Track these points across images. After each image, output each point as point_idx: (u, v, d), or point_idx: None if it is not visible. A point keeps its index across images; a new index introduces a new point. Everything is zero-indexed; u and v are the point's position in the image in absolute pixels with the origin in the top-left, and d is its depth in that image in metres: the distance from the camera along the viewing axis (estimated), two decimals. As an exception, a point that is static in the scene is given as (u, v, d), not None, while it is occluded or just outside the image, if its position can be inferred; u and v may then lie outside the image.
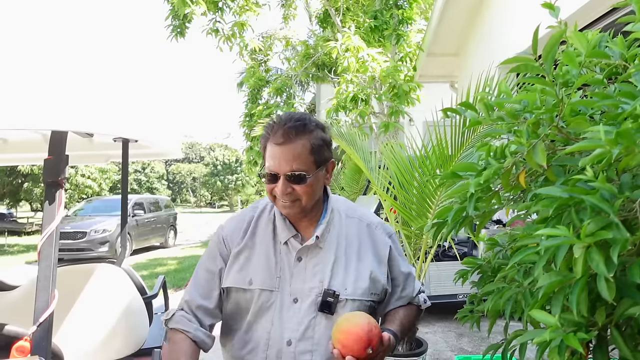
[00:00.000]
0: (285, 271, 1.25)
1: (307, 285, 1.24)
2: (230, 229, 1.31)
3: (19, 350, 0.99)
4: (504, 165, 0.93)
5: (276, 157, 1.19)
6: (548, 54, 0.85)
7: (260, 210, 1.34)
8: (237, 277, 1.25)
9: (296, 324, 1.22)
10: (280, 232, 1.28)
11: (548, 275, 0.80)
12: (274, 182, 1.20)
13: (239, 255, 1.27)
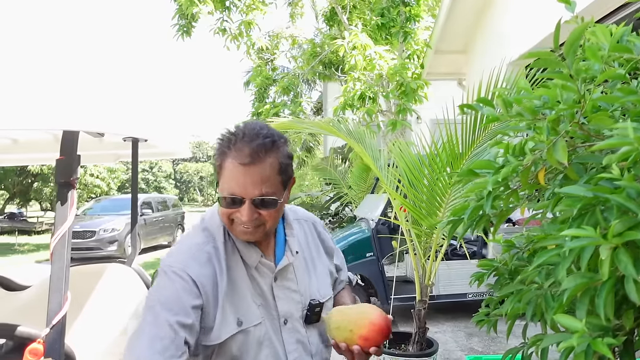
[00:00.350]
0: (266, 296, 1.12)
1: (293, 303, 1.16)
2: (196, 271, 1.03)
3: (33, 353, 0.98)
4: (523, 162, 0.90)
5: (240, 179, 1.02)
6: (570, 48, 0.83)
7: (214, 236, 1.11)
8: (226, 324, 1.05)
9: (294, 344, 1.15)
10: (248, 257, 1.11)
11: (573, 277, 0.78)
12: (236, 206, 1.04)
13: (217, 299, 1.05)
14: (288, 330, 1.14)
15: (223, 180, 1.04)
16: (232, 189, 1.03)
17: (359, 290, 5.16)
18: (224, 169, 1.04)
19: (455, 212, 1.08)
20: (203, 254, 1.06)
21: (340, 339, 1.10)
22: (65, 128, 1.06)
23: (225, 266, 1.07)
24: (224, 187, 1.04)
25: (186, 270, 1.02)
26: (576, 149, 0.98)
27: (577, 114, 0.90)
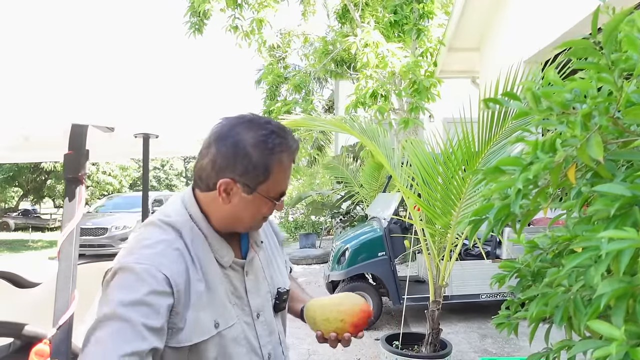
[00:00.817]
0: (240, 293, 1.08)
1: (262, 295, 1.13)
2: (169, 267, 0.94)
3: (38, 354, 0.95)
4: (554, 159, 0.85)
5: (287, 176, 1.04)
6: (608, 38, 0.77)
7: (181, 234, 1.01)
8: (202, 326, 0.97)
9: (267, 336, 1.13)
10: (222, 254, 1.05)
11: (609, 282, 0.73)
12: (280, 200, 1.06)
13: (191, 301, 0.96)
14: (261, 323, 1.11)
15: (275, 179, 1.01)
16: (283, 188, 1.04)
17: (370, 289, 5.12)
18: (276, 171, 1.00)
19: (477, 211, 1.03)
20: (173, 251, 0.97)
21: (331, 329, 1.15)
22: (74, 122, 1.04)
23: (198, 265, 1.00)
24: (276, 188, 1.02)
25: (159, 269, 0.92)
26: (607, 146, 0.93)
27: (611, 108, 0.85)
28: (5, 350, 1.17)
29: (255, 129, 1.00)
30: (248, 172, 0.98)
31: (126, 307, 0.87)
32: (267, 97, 9.46)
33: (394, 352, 3.20)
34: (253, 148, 0.98)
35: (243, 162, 0.98)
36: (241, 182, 0.99)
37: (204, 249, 1.02)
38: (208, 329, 0.97)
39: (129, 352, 0.83)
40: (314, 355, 4.39)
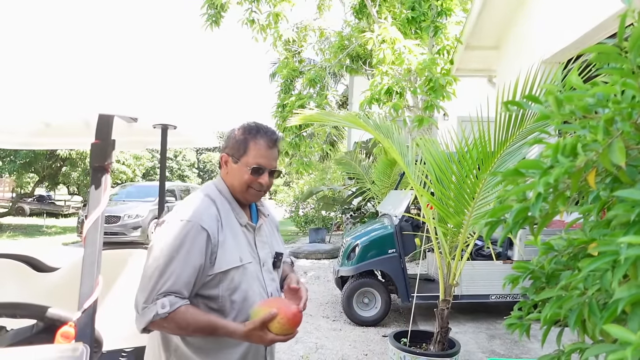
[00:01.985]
0: (252, 245, 1.53)
1: (265, 252, 1.58)
2: (209, 223, 1.39)
3: (64, 336, 0.99)
4: (575, 163, 0.85)
5: (264, 156, 1.48)
6: (635, 43, 0.77)
7: (215, 200, 1.48)
8: (231, 258, 1.42)
9: (269, 280, 1.56)
10: (240, 217, 1.52)
11: (627, 287, 0.73)
12: (258, 174, 1.48)
13: (224, 242, 1.42)
14: (265, 270, 1.55)
15: (250, 156, 1.47)
16: (260, 162, 1.47)
17: (379, 286, 5.13)
18: (252, 149, 1.47)
19: (494, 213, 1.03)
20: (212, 212, 1.43)
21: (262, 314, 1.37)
22: (102, 112, 1.06)
23: (224, 222, 1.45)
24: (252, 160, 1.47)
25: (202, 224, 1.36)
26: (628, 152, 0.93)
27: (634, 113, 0.85)
28: (29, 331, 1.21)
29: (245, 124, 1.53)
30: (234, 148, 1.50)
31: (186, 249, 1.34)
32: (281, 90, 9.47)
33: (402, 349, 3.21)
34: (238, 132, 1.51)
35: (231, 141, 1.51)
36: (230, 154, 1.50)
37: (227, 211, 1.49)
38: (235, 261, 1.42)
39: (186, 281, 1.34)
40: (322, 349, 4.42)
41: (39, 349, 1.01)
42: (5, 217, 16.95)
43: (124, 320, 1.94)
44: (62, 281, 2.10)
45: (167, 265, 1.31)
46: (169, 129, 2.21)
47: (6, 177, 19.62)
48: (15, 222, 16.67)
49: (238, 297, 1.43)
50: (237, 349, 1.44)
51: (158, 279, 1.30)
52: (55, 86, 1.01)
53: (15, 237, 13.02)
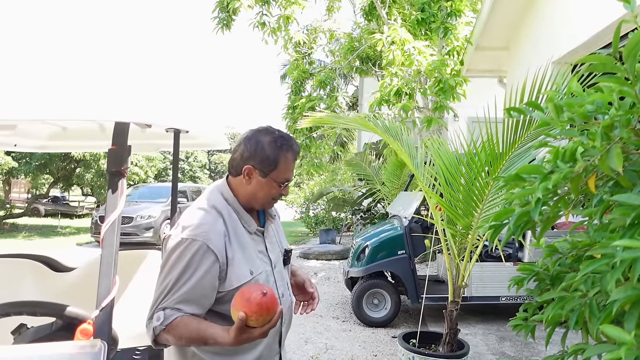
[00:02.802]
0: (262, 250, 1.53)
1: (275, 252, 1.58)
2: (216, 242, 1.36)
3: (83, 333, 1.04)
4: (574, 169, 0.88)
5: (290, 170, 1.49)
6: (631, 52, 0.80)
7: (221, 213, 1.44)
8: (241, 274, 1.40)
9: (280, 280, 1.56)
10: (249, 225, 1.49)
11: (623, 288, 0.76)
12: (284, 187, 1.50)
13: (233, 259, 1.39)
14: (277, 272, 1.55)
15: (280, 171, 1.45)
16: (288, 176, 1.48)
17: (388, 287, 5.15)
18: (281, 164, 1.45)
19: (498, 216, 1.06)
20: (219, 229, 1.39)
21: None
22: (118, 119, 1.11)
23: (232, 236, 1.42)
24: (282, 175, 1.46)
25: (209, 244, 1.34)
26: (629, 156, 0.95)
27: (633, 120, 0.87)
28: (48, 328, 1.26)
29: (269, 134, 1.47)
30: (263, 162, 1.44)
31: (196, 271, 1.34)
32: (292, 92, 9.53)
33: (411, 349, 3.23)
34: (268, 146, 1.44)
35: (261, 155, 1.43)
36: (259, 168, 1.44)
37: (234, 220, 1.45)
38: (246, 275, 1.41)
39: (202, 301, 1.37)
40: (332, 349, 4.45)
41: (59, 345, 1.05)
42: (21, 218, 17.24)
43: (137, 319, 2.00)
44: (79, 280, 2.16)
45: (173, 285, 1.32)
46: (182, 132, 2.26)
47: (22, 178, 19.97)
48: (30, 223, 16.95)
49: None
50: (252, 353, 1.45)
51: (161, 297, 1.33)
52: (75, 96, 1.06)
53: (30, 237, 13.25)
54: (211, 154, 50.26)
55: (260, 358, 1.47)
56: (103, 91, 1.09)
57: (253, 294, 1.23)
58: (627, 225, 0.78)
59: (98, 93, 1.07)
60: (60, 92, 1.01)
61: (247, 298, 1.23)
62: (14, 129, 2.05)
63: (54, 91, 1.01)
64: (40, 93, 0.98)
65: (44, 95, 0.98)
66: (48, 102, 0.97)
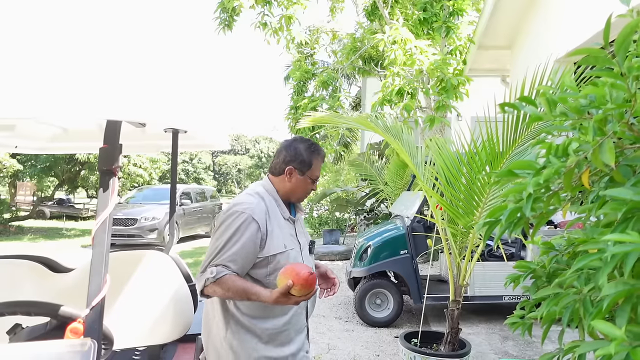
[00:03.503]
0: (293, 234, 1.87)
1: (304, 240, 1.92)
2: (259, 215, 1.72)
3: (73, 332, 1.04)
4: (566, 164, 0.87)
5: (319, 168, 1.90)
6: (621, 45, 0.79)
7: (264, 198, 1.81)
8: (277, 245, 1.74)
9: (309, 262, 1.88)
10: (284, 212, 1.85)
11: (614, 284, 0.75)
12: (315, 183, 1.91)
13: (272, 232, 1.75)
14: (305, 255, 1.88)
15: (314, 170, 1.86)
16: (318, 174, 1.89)
17: (391, 287, 5.13)
18: (314, 165, 1.86)
19: (492, 213, 1.05)
20: (262, 207, 1.76)
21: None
22: (109, 118, 1.11)
23: (272, 215, 1.78)
24: (314, 174, 1.87)
25: (254, 216, 1.70)
26: (624, 151, 0.94)
27: (626, 114, 0.86)
28: (42, 328, 1.26)
29: (304, 142, 1.89)
30: (301, 164, 1.84)
31: (245, 235, 1.68)
32: (294, 92, 9.53)
33: (413, 349, 3.22)
34: (304, 152, 1.85)
35: (300, 158, 1.84)
36: (298, 168, 1.84)
37: (273, 206, 1.81)
38: (281, 247, 1.75)
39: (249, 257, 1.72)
40: (334, 349, 4.44)
41: (49, 344, 1.05)
42: (27, 221, 17.34)
43: (136, 319, 2.00)
44: (77, 281, 2.17)
45: (223, 246, 1.65)
46: (180, 132, 2.26)
47: (27, 181, 20.09)
48: (36, 225, 17.04)
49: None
50: (283, 318, 1.75)
51: (213, 256, 1.66)
52: (66, 93, 1.06)
53: (36, 239, 13.32)
54: (215, 156, 50.38)
55: (289, 324, 1.76)
56: (95, 89, 1.09)
57: (302, 271, 1.53)
58: (618, 219, 0.77)
59: (90, 90, 1.07)
60: (51, 90, 1.01)
61: (297, 272, 1.53)
62: (13, 130, 2.05)
63: (45, 88, 1.00)
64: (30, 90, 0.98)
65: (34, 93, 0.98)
66: (38, 99, 0.97)
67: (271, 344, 1.73)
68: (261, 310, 1.72)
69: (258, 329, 1.72)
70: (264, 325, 1.72)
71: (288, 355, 1.76)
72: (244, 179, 51.44)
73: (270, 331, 1.73)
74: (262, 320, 1.73)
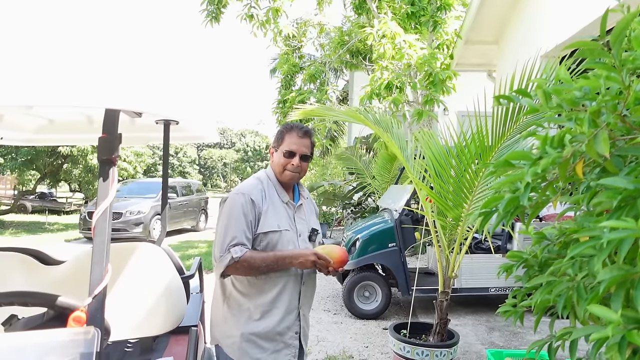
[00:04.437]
0: (291, 219, 1.96)
1: (303, 226, 1.99)
2: (255, 195, 1.87)
3: (76, 320, 1.04)
4: (562, 154, 0.89)
5: (296, 143, 1.93)
6: (617, 38, 0.81)
7: (262, 181, 1.96)
8: (270, 224, 1.86)
9: (304, 247, 1.95)
10: (282, 195, 1.96)
11: (609, 269, 0.77)
12: (291, 158, 1.92)
13: (267, 211, 1.87)
14: (302, 240, 1.96)
15: (285, 144, 1.93)
16: (291, 148, 1.92)
17: (379, 279, 5.18)
18: (286, 138, 1.93)
19: (487, 203, 1.07)
20: (259, 188, 1.91)
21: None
22: (108, 106, 1.10)
23: (267, 197, 1.91)
24: (285, 147, 1.92)
25: (251, 196, 1.85)
26: (615, 142, 0.96)
27: (619, 106, 0.89)
28: (40, 318, 1.25)
29: (285, 124, 2.00)
30: (275, 141, 1.99)
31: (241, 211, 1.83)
32: (282, 86, 9.49)
33: (402, 340, 3.26)
34: (279, 129, 2.00)
35: (275, 137, 2.00)
36: (273, 146, 1.99)
37: (272, 189, 1.95)
38: (274, 225, 1.86)
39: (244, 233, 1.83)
40: (323, 342, 4.48)
41: (52, 333, 1.05)
42: (8, 215, 17.02)
43: (129, 311, 1.99)
44: (69, 273, 2.15)
45: (230, 225, 1.80)
46: (171, 124, 2.25)
47: (8, 174, 19.69)
48: (17, 220, 16.74)
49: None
50: (270, 294, 1.87)
51: (225, 235, 1.79)
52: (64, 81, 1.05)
53: (17, 234, 13.09)
54: (201, 149, 49.97)
55: (278, 301, 1.87)
56: (93, 78, 1.08)
57: (344, 254, 1.91)
58: (613, 207, 0.79)
59: (88, 80, 1.06)
60: (49, 78, 1.00)
61: (343, 252, 1.91)
62: (0, 121, 2.02)
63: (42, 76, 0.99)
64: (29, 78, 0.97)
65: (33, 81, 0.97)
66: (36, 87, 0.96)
67: (261, 321, 1.86)
68: (252, 287, 1.87)
69: (251, 305, 1.86)
70: (256, 302, 1.86)
71: (275, 333, 1.88)
72: (230, 173, 51.14)
73: (261, 308, 1.86)
74: (252, 298, 1.87)
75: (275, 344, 1.88)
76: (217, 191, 48.00)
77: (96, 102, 1.05)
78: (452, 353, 3.19)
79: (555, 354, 1.15)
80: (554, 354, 1.15)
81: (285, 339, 1.91)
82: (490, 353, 3.09)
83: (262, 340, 1.86)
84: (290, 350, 1.93)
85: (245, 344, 1.84)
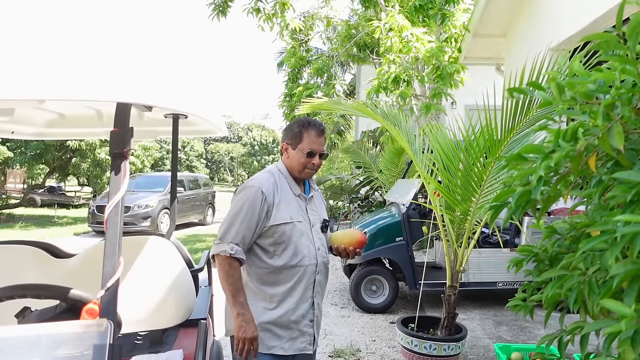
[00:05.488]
0: (303, 211, 2.01)
1: (315, 217, 2.05)
2: (267, 188, 1.90)
3: (89, 313, 1.05)
4: (575, 147, 0.88)
5: (316, 142, 1.97)
6: (633, 31, 0.80)
7: (274, 175, 1.99)
8: (283, 216, 1.91)
9: (318, 238, 2.03)
10: (294, 188, 2.00)
11: (623, 263, 0.77)
12: (312, 157, 1.96)
13: (279, 204, 1.92)
14: (315, 231, 2.03)
15: (305, 143, 1.95)
16: (312, 147, 1.96)
17: (386, 273, 5.18)
18: (305, 137, 1.95)
19: (498, 197, 1.06)
20: (270, 181, 1.94)
21: (345, 242, 2.08)
22: (120, 100, 1.11)
23: (280, 190, 1.95)
24: (306, 146, 1.95)
25: (262, 189, 1.89)
26: (629, 136, 0.95)
27: (634, 99, 0.88)
28: (52, 311, 1.27)
29: (299, 121, 1.99)
30: (291, 138, 1.99)
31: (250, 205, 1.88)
32: (289, 80, 9.48)
33: (409, 334, 3.26)
34: (295, 126, 1.99)
35: (290, 133, 2.00)
36: (289, 143, 1.99)
37: (283, 183, 1.98)
38: (286, 218, 1.91)
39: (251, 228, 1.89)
40: (330, 335, 4.50)
41: (66, 325, 1.07)
42: (17, 208, 17.19)
43: (139, 304, 2.01)
44: (80, 266, 2.17)
45: (235, 220, 1.85)
46: (180, 118, 2.26)
47: (17, 168, 19.86)
48: (27, 213, 16.91)
49: (288, 246, 1.92)
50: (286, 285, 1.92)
51: (230, 227, 1.85)
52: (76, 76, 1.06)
53: (27, 227, 13.22)
54: (207, 144, 50.10)
55: (293, 290, 1.93)
56: (104, 72, 1.09)
57: (363, 236, 2.08)
58: (627, 201, 0.79)
59: (99, 74, 1.07)
60: (60, 72, 1.01)
61: (362, 234, 2.08)
62: (12, 115, 2.03)
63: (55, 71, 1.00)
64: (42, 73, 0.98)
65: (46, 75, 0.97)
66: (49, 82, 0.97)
67: (277, 310, 1.91)
68: (269, 277, 1.93)
69: (267, 295, 1.92)
70: (271, 291, 1.92)
71: (290, 321, 1.93)
72: (237, 167, 51.25)
73: (277, 297, 1.92)
74: (269, 287, 1.92)
75: (291, 332, 1.93)
76: (224, 185, 48.14)
77: (108, 96, 1.05)
78: (459, 347, 3.19)
79: (565, 348, 1.14)
80: (564, 348, 1.15)
81: (300, 327, 1.95)
82: (498, 347, 3.09)
83: (278, 328, 1.91)
84: (306, 338, 1.97)
85: (262, 334, 1.87)
